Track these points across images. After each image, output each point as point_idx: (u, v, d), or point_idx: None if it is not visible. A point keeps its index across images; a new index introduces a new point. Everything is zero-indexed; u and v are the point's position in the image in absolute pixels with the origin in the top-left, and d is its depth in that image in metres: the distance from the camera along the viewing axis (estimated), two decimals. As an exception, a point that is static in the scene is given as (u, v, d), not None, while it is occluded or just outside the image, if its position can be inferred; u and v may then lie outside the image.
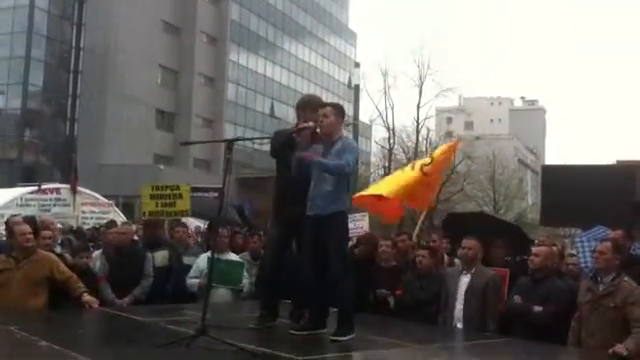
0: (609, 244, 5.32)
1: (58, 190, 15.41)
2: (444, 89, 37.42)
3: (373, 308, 6.56)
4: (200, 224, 12.65)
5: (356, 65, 64.36)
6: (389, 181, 9.26)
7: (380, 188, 8.91)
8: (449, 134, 45.05)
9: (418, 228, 9.46)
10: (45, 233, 6.62)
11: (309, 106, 5.33)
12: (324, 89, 57.14)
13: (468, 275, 6.03)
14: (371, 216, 10.34)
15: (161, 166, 37.77)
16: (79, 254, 6.82)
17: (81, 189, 15.44)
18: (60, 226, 10.50)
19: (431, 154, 9.88)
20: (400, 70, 50.07)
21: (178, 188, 9.56)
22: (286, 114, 51.22)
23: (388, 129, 37.01)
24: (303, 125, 5.16)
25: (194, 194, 11.05)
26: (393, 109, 37.25)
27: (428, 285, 6.35)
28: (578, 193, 11.93)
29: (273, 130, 6.40)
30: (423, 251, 6.63)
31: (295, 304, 5.49)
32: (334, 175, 4.88)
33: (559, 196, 12.73)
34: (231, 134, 44.61)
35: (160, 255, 7.23)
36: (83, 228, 12.35)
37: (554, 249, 6.55)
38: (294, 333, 5.01)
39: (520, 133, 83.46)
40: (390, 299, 6.55)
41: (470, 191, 37.74)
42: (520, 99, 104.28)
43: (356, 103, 57.35)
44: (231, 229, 9.38)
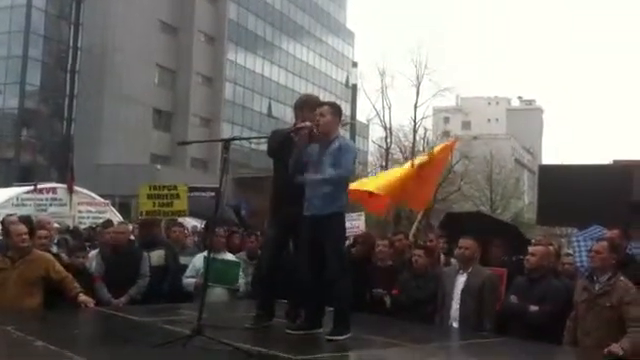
0: (605, 243, 5.32)
1: (54, 190, 15.41)
2: (441, 89, 37.41)
3: (370, 308, 6.56)
4: (197, 224, 12.65)
5: (354, 65, 64.51)
6: (382, 178, 9.25)
7: (371, 184, 8.89)
8: (446, 134, 45.08)
9: (415, 228, 9.48)
10: (41, 233, 6.61)
11: (307, 106, 5.33)
12: (322, 89, 57.13)
13: (465, 275, 6.03)
14: (367, 215, 10.33)
15: (158, 166, 37.74)
16: (75, 254, 6.82)
17: (77, 189, 15.44)
18: (57, 226, 10.49)
19: (431, 151, 9.89)
20: (397, 70, 50.26)
21: (175, 188, 9.55)
22: (284, 114, 51.24)
23: (385, 129, 37.02)
24: (301, 125, 5.15)
25: (191, 194, 11.03)
26: (390, 109, 37.21)
27: (424, 285, 6.36)
28: (575, 193, 11.93)
29: (270, 130, 6.38)
30: (419, 251, 6.64)
31: (291, 304, 5.48)
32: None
33: (556, 196, 12.73)
34: (228, 134, 44.53)
35: (156, 255, 7.22)
36: (79, 228, 12.33)
37: (550, 249, 6.56)
38: (290, 333, 5.00)
39: (517, 133, 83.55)
40: (386, 298, 6.55)
41: (467, 191, 37.74)
42: (517, 99, 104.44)
43: (353, 103, 57.52)
44: (228, 229, 9.38)
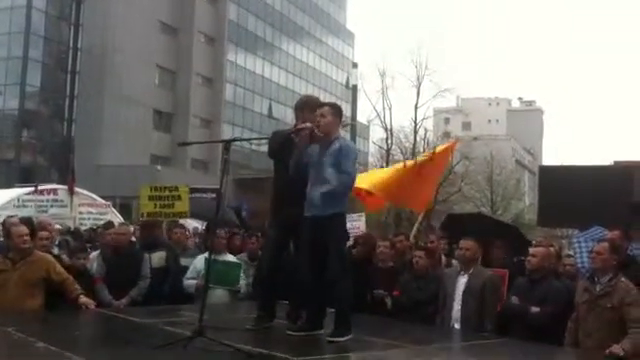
0: (606, 244, 5.32)
1: (55, 191, 15.39)
2: (442, 90, 37.47)
3: (370, 309, 6.56)
4: (198, 225, 12.64)
5: (354, 65, 64.51)
6: (378, 177, 9.17)
7: (367, 181, 8.83)
8: (447, 135, 45.06)
9: (415, 229, 9.47)
10: (42, 234, 6.61)
11: (307, 106, 5.32)
12: (322, 89, 57.13)
13: (466, 276, 6.04)
14: (368, 216, 10.33)
15: (159, 167, 37.74)
16: (76, 255, 6.82)
17: (78, 190, 15.42)
18: (58, 227, 10.48)
19: (433, 151, 9.89)
20: (398, 70, 50.32)
21: (177, 189, 9.55)
22: (284, 115, 51.24)
23: (386, 129, 37.04)
24: (301, 126, 5.15)
25: (192, 195, 11.04)
26: (391, 109, 37.26)
27: (425, 286, 6.36)
28: (575, 194, 11.92)
29: (271, 131, 6.39)
30: (420, 252, 6.64)
31: (292, 305, 5.48)
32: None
33: (556, 197, 12.72)
34: (229, 135, 44.55)
35: (157, 256, 7.21)
36: (80, 229, 12.33)
37: (551, 250, 6.56)
38: (291, 334, 5.00)
39: (518, 134, 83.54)
40: (387, 300, 6.55)
41: (468, 192, 37.74)
42: (518, 100, 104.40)
43: (354, 103, 57.56)
44: (229, 230, 9.38)
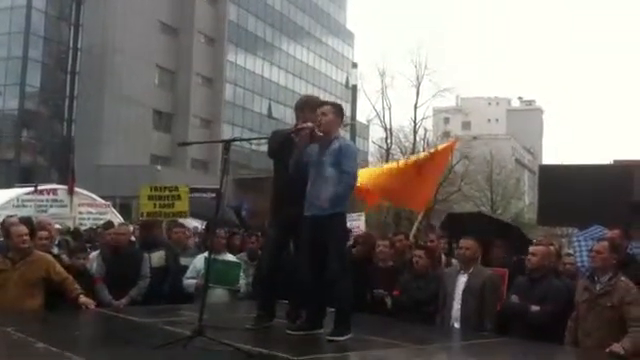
0: (606, 243, 5.31)
1: (55, 191, 15.41)
2: (441, 89, 37.41)
3: (370, 308, 6.56)
4: (198, 225, 12.64)
5: (354, 65, 64.50)
6: (378, 175, 9.15)
7: (366, 178, 8.82)
8: (446, 134, 45.04)
9: (415, 228, 9.48)
10: (41, 234, 6.60)
11: (308, 106, 5.32)
12: (322, 89, 57.13)
13: (466, 275, 6.03)
14: (368, 216, 10.33)
15: (158, 167, 37.72)
16: (76, 255, 6.81)
17: (78, 190, 15.43)
18: (58, 227, 10.48)
19: (434, 149, 9.89)
20: (397, 70, 50.15)
21: (177, 189, 9.55)
22: (284, 115, 51.24)
23: (385, 129, 36.99)
24: (301, 125, 5.15)
25: (191, 195, 11.04)
26: (390, 109, 37.16)
27: (425, 285, 6.35)
28: (575, 193, 11.95)
29: (271, 131, 6.38)
30: (419, 251, 6.62)
31: (292, 304, 5.48)
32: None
33: (556, 196, 12.75)
34: (229, 135, 44.55)
35: (157, 256, 7.21)
36: (80, 229, 12.33)
37: (551, 249, 6.56)
38: (291, 333, 5.00)
39: (517, 133, 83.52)
40: (387, 299, 6.54)
41: (467, 191, 37.70)
42: (517, 99, 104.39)
43: (353, 103, 57.52)
44: (229, 230, 9.38)
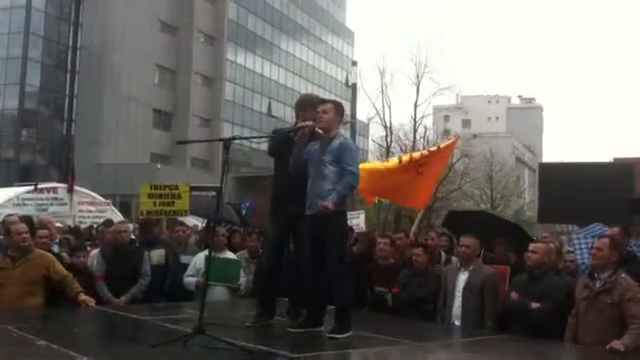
0: (607, 240, 5.31)
1: (55, 189, 15.43)
2: (441, 87, 37.34)
3: (371, 306, 6.57)
4: (198, 223, 12.64)
5: (353, 64, 64.44)
6: (377, 172, 9.10)
7: (366, 175, 8.80)
8: (447, 132, 45.05)
9: (415, 226, 9.49)
10: (41, 232, 6.62)
11: (309, 105, 5.31)
12: (322, 88, 57.11)
13: (466, 272, 6.03)
14: (367, 214, 10.34)
15: (158, 165, 37.70)
16: (77, 253, 6.82)
17: (78, 188, 15.45)
18: (59, 225, 10.49)
19: (436, 147, 9.89)
20: (397, 68, 49.87)
21: (177, 188, 9.58)
22: (283, 113, 51.22)
23: (385, 127, 36.91)
24: (301, 124, 5.15)
25: (192, 193, 11.05)
26: (390, 107, 37.11)
27: (425, 283, 6.36)
28: (575, 190, 11.96)
29: (271, 129, 6.39)
30: (418, 249, 6.62)
31: (292, 302, 5.49)
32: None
33: (556, 194, 12.76)
34: (229, 133, 44.38)
35: (156, 254, 7.21)
36: (80, 227, 12.34)
37: (551, 246, 6.56)
38: (291, 331, 5.01)
39: (517, 131, 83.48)
40: (387, 297, 6.55)
41: (468, 189, 37.69)
42: (517, 97, 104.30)
43: (353, 102, 57.43)
44: (230, 228, 9.40)
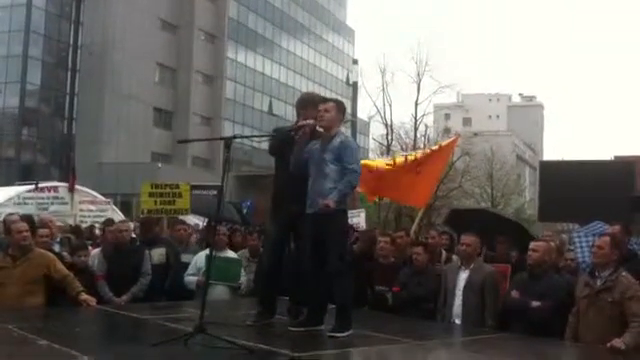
0: (608, 239, 5.30)
1: (56, 188, 15.41)
2: (442, 86, 37.32)
3: (371, 304, 6.58)
4: (199, 222, 12.65)
5: (354, 62, 64.38)
6: (379, 174, 9.10)
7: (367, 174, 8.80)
8: (447, 131, 44.95)
9: (416, 224, 9.48)
10: (42, 231, 6.62)
11: (310, 104, 5.31)
12: (322, 86, 57.09)
13: (466, 271, 6.03)
14: (368, 212, 10.34)
15: (159, 164, 37.71)
16: (77, 252, 6.81)
17: (79, 187, 15.44)
18: (60, 224, 10.48)
19: (437, 145, 9.89)
20: (398, 67, 49.42)
21: (178, 187, 9.60)
22: (284, 112, 51.21)
23: (386, 126, 36.86)
24: (302, 123, 5.15)
25: (192, 192, 11.05)
26: (391, 106, 37.02)
27: (425, 281, 6.36)
28: (576, 188, 11.96)
29: (271, 128, 6.39)
30: (418, 248, 6.62)
31: (293, 301, 5.49)
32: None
33: (557, 192, 12.76)
34: (229, 132, 44.50)
35: (157, 253, 7.22)
36: (81, 226, 12.33)
37: (552, 245, 6.56)
38: (292, 330, 5.01)
39: (518, 129, 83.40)
40: (388, 295, 6.55)
41: (468, 188, 37.67)
42: (518, 95, 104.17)
43: (354, 100, 57.43)
44: (231, 227, 9.40)
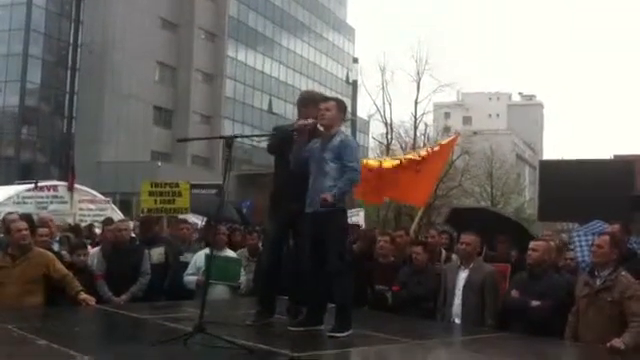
0: (607, 238, 5.29)
1: (55, 187, 15.40)
2: (442, 84, 37.32)
3: (371, 304, 6.57)
4: (197, 221, 12.63)
5: (354, 61, 64.37)
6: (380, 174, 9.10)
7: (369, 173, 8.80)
8: (447, 129, 44.95)
9: (416, 224, 9.47)
10: (41, 231, 6.62)
11: (311, 102, 5.30)
12: (322, 85, 57.05)
13: (466, 270, 6.03)
14: (367, 212, 10.34)
15: (159, 163, 37.69)
16: (77, 252, 6.81)
17: (78, 186, 15.43)
18: (60, 223, 10.47)
19: (437, 144, 9.88)
20: (398, 65, 48.88)
21: (177, 186, 9.60)
22: (284, 110, 51.20)
23: (386, 124, 36.83)
24: (303, 122, 5.15)
25: (192, 191, 11.04)
26: (391, 104, 36.95)
27: (425, 281, 6.36)
28: (576, 188, 11.96)
29: (271, 126, 6.38)
30: (418, 247, 6.62)
31: (292, 300, 5.49)
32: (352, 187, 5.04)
33: (557, 191, 12.77)
34: (229, 130, 44.49)
35: (156, 252, 7.21)
36: (80, 225, 12.33)
37: (552, 244, 6.56)
38: (291, 329, 5.01)
39: (518, 128, 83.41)
40: (388, 295, 6.55)
41: (468, 186, 37.68)
42: (518, 94, 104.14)
43: (354, 99, 57.43)
44: (230, 226, 9.40)
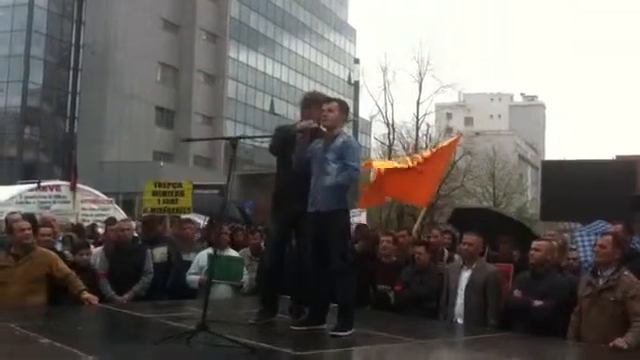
0: (610, 238, 5.30)
1: (58, 187, 15.43)
2: (444, 85, 37.37)
3: (373, 304, 6.58)
4: (199, 221, 12.64)
5: (356, 61, 64.41)
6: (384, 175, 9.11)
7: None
8: (449, 130, 44.94)
9: (418, 224, 9.48)
10: (44, 230, 6.62)
11: (314, 103, 5.31)
12: (324, 86, 57.04)
13: (469, 270, 6.03)
14: (369, 211, 10.35)
15: (161, 163, 37.73)
16: (79, 251, 6.82)
17: (81, 186, 15.46)
18: (63, 223, 10.49)
19: (439, 144, 9.88)
20: (400, 66, 48.68)
21: (180, 185, 9.61)
22: (286, 111, 51.25)
23: (388, 125, 36.87)
24: (304, 123, 5.15)
25: (194, 191, 11.04)
26: (393, 105, 37.06)
27: (428, 280, 6.36)
28: (578, 188, 11.97)
29: (273, 127, 6.39)
30: (420, 247, 6.63)
31: (295, 299, 5.49)
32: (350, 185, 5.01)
33: (559, 191, 12.77)
34: (231, 131, 44.55)
35: (159, 251, 7.21)
36: (83, 225, 12.34)
37: (554, 244, 6.55)
38: (294, 329, 5.01)
39: (520, 129, 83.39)
40: (390, 294, 6.55)
41: (470, 187, 37.68)
42: (520, 95, 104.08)
43: (356, 99, 57.46)
44: (232, 226, 9.40)
